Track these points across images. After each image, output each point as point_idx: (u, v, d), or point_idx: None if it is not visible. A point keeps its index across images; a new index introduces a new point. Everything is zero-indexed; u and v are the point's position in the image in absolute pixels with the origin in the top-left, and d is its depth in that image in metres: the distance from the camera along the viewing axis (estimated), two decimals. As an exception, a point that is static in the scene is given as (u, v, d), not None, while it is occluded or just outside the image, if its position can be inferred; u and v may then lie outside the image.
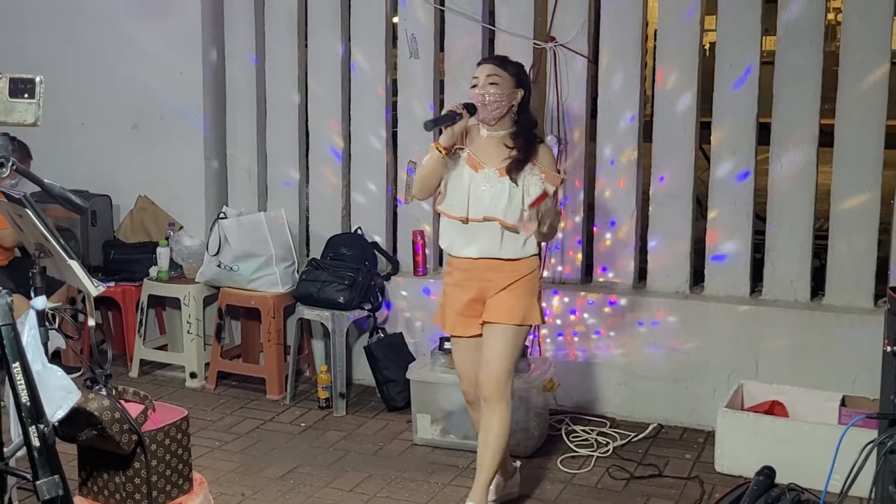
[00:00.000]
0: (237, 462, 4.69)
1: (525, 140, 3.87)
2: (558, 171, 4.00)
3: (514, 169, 3.82)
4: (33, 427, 2.38)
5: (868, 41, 4.67)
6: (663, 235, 5.16)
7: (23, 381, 2.38)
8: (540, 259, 4.08)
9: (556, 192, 3.88)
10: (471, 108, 3.84)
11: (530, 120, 3.96)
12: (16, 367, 2.37)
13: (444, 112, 3.86)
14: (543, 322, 4.11)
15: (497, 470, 3.99)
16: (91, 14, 6.15)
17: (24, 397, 2.38)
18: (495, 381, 3.86)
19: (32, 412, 2.40)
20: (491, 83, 3.83)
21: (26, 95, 2.36)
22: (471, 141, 3.91)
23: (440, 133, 3.90)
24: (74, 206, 2.58)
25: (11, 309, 2.45)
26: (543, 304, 4.13)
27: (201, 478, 3.59)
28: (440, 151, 3.83)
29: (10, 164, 2.41)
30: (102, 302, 6.02)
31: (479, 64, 4.03)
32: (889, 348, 3.06)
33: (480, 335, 3.94)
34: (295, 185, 5.94)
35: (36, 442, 2.38)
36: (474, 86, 3.87)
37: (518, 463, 4.34)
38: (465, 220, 3.86)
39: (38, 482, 2.37)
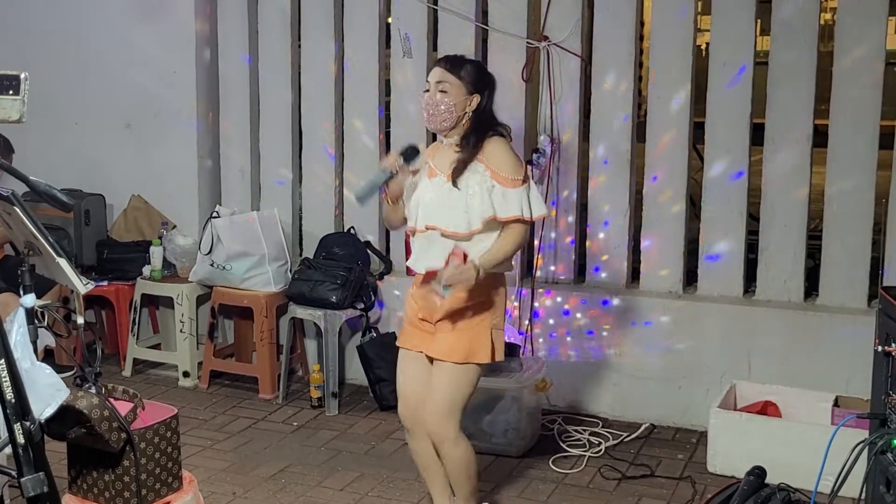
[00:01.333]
0: (229, 461, 4.68)
1: (475, 138, 3.50)
2: (518, 171, 3.50)
3: (457, 171, 3.47)
4: (18, 424, 2.36)
5: (862, 41, 4.67)
6: (656, 235, 5.16)
7: (8, 379, 2.36)
8: (504, 287, 3.66)
9: (455, 253, 3.39)
10: (409, 153, 3.51)
11: (488, 122, 3.56)
12: (1, 364, 2.35)
13: (373, 177, 3.52)
14: (494, 360, 3.61)
15: (473, 492, 3.70)
16: (85, 13, 6.14)
17: (9, 395, 2.37)
18: (436, 419, 3.55)
19: (18, 409, 2.38)
20: (440, 90, 3.48)
21: (11, 92, 2.34)
22: (436, 151, 3.65)
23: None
24: (60, 203, 2.57)
25: (-3, 306, 2.44)
26: (505, 337, 3.70)
27: (191, 476, 3.57)
28: (388, 202, 3.59)
29: (-5, 160, 2.40)
30: (95, 301, 6.01)
31: (435, 64, 3.64)
32: (881, 348, 3.06)
33: (423, 353, 3.64)
34: (288, 184, 5.93)
35: (21, 439, 2.37)
36: (427, 90, 3.54)
37: None
38: (413, 232, 3.60)
39: (22, 479, 2.36)
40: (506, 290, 3.67)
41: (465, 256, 3.40)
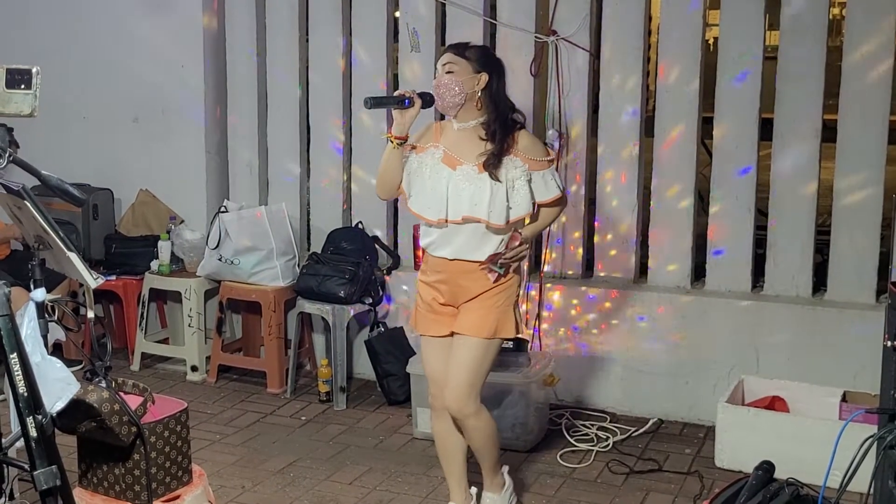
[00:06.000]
0: (237, 455, 4.69)
1: (500, 129, 3.57)
2: (549, 152, 3.70)
3: (493, 164, 3.53)
4: (31, 418, 2.38)
5: (872, 36, 4.65)
6: (664, 230, 5.15)
7: (20, 372, 2.37)
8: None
9: (513, 237, 3.61)
10: (426, 98, 3.59)
11: (504, 104, 3.63)
12: (13, 358, 2.36)
13: (387, 95, 3.60)
14: (518, 334, 3.81)
15: (497, 460, 3.87)
16: (93, 7, 6.15)
17: (22, 388, 2.38)
18: (458, 395, 3.63)
19: (30, 403, 2.40)
20: (447, 71, 3.56)
21: (23, 86, 2.35)
22: (445, 137, 3.66)
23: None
24: (73, 197, 2.58)
25: (9, 300, 2.45)
26: (522, 312, 3.93)
27: (201, 470, 3.59)
28: (391, 141, 3.61)
29: (7, 154, 2.41)
30: (104, 295, 6.03)
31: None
32: (889, 343, 3.05)
33: (449, 336, 3.72)
34: (296, 179, 5.94)
35: (33, 433, 2.38)
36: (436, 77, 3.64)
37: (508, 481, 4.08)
38: (445, 223, 3.60)
39: (35, 472, 2.37)
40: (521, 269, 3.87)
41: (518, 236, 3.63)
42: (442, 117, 4.03)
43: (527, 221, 3.71)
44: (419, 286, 3.82)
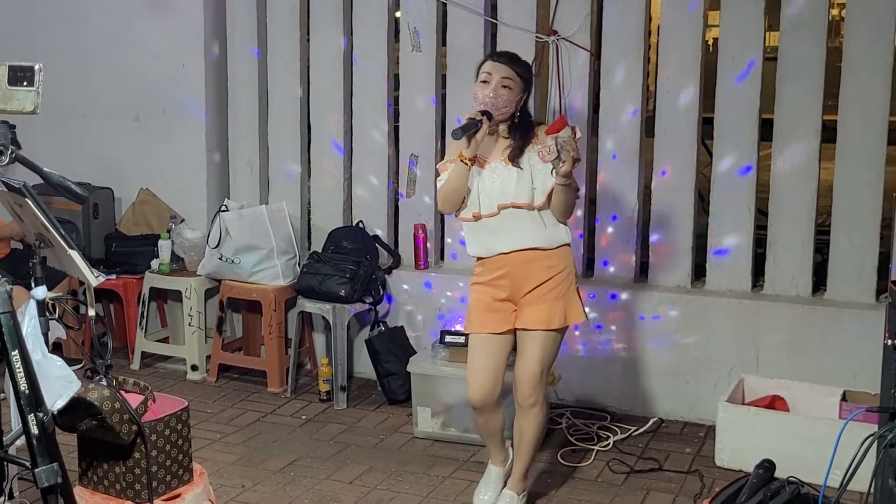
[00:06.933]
0: (238, 454, 4.69)
1: (522, 126, 3.86)
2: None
3: (516, 154, 3.81)
4: (32, 415, 2.38)
5: (871, 37, 4.66)
6: (665, 230, 5.16)
7: (21, 370, 2.38)
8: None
9: (575, 129, 3.75)
10: (488, 116, 3.77)
11: (527, 114, 3.97)
12: (15, 356, 2.37)
13: (465, 121, 3.74)
14: (586, 318, 4.00)
15: (532, 460, 4.06)
16: (93, 6, 6.15)
17: (23, 385, 2.38)
18: (532, 385, 3.84)
19: (31, 400, 2.40)
20: (504, 86, 3.78)
21: (25, 83, 2.36)
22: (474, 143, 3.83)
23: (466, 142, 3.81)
24: (74, 195, 2.58)
25: (10, 297, 2.45)
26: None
27: (201, 469, 3.59)
28: (466, 164, 3.77)
29: (9, 151, 2.41)
30: (104, 294, 6.03)
31: (491, 59, 3.89)
32: (889, 342, 3.05)
33: (506, 334, 3.87)
34: (296, 178, 5.94)
35: (35, 430, 2.38)
36: (484, 81, 3.79)
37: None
38: (478, 217, 3.83)
39: (36, 470, 2.38)
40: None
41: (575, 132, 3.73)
42: None
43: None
44: (474, 290, 3.96)
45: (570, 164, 3.62)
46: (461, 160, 3.77)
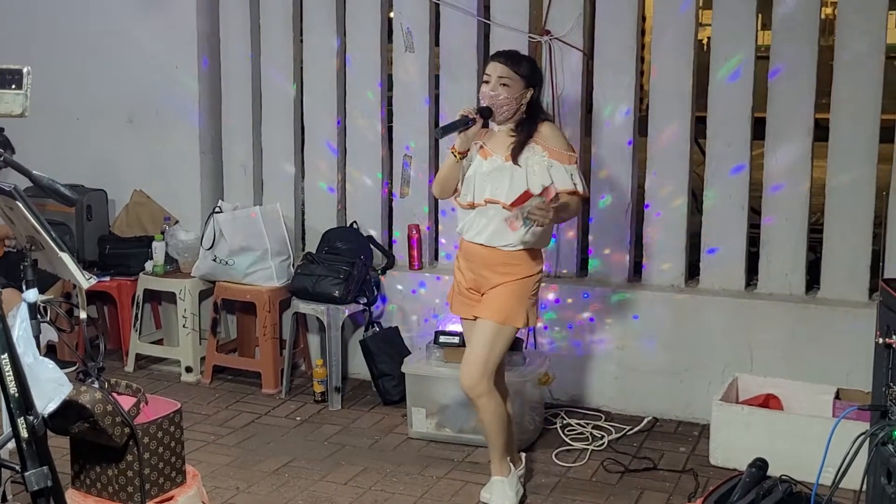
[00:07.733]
0: (232, 456, 4.69)
1: (527, 122, 3.91)
2: (571, 148, 3.98)
3: (515, 150, 3.87)
4: (22, 419, 2.37)
5: (863, 35, 4.66)
6: (658, 229, 5.16)
7: (11, 373, 2.37)
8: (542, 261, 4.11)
9: (548, 190, 3.78)
10: (485, 112, 3.87)
11: (537, 109, 3.98)
12: (4, 359, 2.36)
13: (457, 118, 3.87)
14: (526, 326, 4.07)
15: (506, 444, 4.05)
16: (87, 8, 6.14)
17: (13, 389, 2.37)
18: (470, 373, 3.91)
19: (21, 404, 2.39)
20: (502, 84, 3.86)
21: (13, 86, 2.35)
22: (488, 137, 3.98)
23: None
24: (64, 198, 2.57)
25: (0, 300, 2.44)
26: (539, 310, 4.18)
27: (195, 471, 3.59)
28: (455, 156, 3.92)
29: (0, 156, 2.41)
30: (97, 296, 6.02)
31: (491, 59, 4.00)
32: (881, 340, 3.06)
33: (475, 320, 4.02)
34: (290, 179, 5.94)
35: (24, 434, 2.37)
36: (486, 81, 3.90)
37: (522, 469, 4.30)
38: (472, 206, 3.93)
39: (26, 473, 2.37)
40: (542, 266, 4.06)
41: (555, 198, 3.76)
42: None
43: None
44: (454, 269, 4.13)
45: (542, 224, 3.73)
46: (451, 152, 3.93)
